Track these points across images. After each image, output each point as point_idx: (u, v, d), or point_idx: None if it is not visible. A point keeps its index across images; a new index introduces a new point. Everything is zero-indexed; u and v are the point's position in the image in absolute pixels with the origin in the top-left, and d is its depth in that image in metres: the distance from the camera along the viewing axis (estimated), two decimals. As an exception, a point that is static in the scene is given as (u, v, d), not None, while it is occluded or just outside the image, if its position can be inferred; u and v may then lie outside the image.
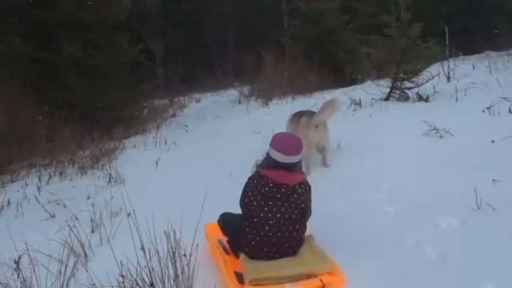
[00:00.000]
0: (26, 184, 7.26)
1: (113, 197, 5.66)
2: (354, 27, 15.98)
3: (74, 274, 3.80)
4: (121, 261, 3.13)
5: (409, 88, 9.29)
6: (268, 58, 15.30)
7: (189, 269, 3.31)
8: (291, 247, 3.66)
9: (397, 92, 9.38)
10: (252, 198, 3.68)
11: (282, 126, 6.93)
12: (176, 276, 3.28)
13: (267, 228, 3.61)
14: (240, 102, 14.39)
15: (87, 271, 3.58)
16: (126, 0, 12.25)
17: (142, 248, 3.20)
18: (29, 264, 3.70)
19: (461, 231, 3.72)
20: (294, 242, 3.67)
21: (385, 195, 4.72)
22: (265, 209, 3.62)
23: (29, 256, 3.80)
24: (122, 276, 3.12)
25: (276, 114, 10.78)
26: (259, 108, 12.03)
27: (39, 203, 5.98)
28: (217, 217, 4.14)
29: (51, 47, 10.95)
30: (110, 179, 6.89)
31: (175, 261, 3.27)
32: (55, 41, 11.14)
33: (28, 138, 8.87)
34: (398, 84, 9.37)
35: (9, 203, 6.25)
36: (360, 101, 9.27)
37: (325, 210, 4.35)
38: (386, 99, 9.34)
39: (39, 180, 7.41)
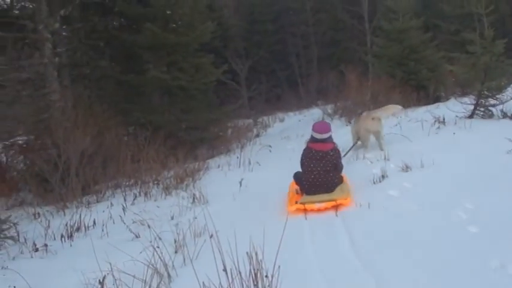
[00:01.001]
0: (112, 204, 7.37)
1: (196, 218, 5.67)
2: (437, 45, 15.88)
3: (157, 295, 3.78)
4: (203, 282, 3.09)
5: (494, 105, 9.14)
6: (351, 76, 15.23)
7: (271, 290, 3.21)
8: (327, 187, 6.18)
9: (481, 109, 9.24)
10: (303, 160, 6.40)
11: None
12: (259, 297, 3.19)
13: (312, 176, 6.23)
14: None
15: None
16: (210, 23, 12.42)
17: (225, 269, 3.16)
18: (113, 284, 3.73)
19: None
20: (328, 184, 6.20)
21: (469, 215, 4.60)
22: (311, 165, 6.26)
23: (113, 276, 3.84)
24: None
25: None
26: (343, 126, 11.88)
27: (124, 223, 6.06)
28: (298, 237, 4.85)
29: (136, 70, 11.30)
30: (193, 199, 6.94)
31: (257, 283, 3.21)
32: (140, 63, 11.48)
33: (114, 158, 9.08)
34: (483, 101, 9.23)
35: (94, 223, 6.36)
36: (444, 119, 9.19)
37: (407, 228, 4.48)
38: (470, 116, 9.21)
39: (125, 200, 7.54)
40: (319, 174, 6.18)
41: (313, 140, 6.45)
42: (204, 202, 6.81)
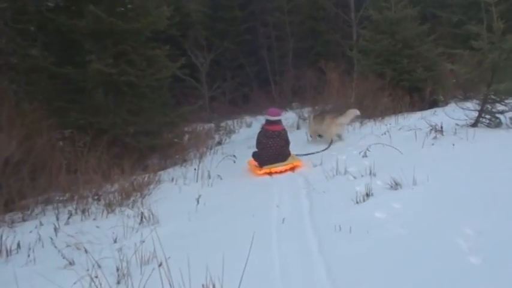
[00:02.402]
0: (41, 224, 7.23)
1: (144, 241, 5.56)
2: (435, 39, 16.00)
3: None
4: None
5: (502, 112, 9.11)
6: (333, 75, 15.35)
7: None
8: (282, 159, 9.58)
9: (487, 116, 9.26)
10: (261, 139, 9.74)
11: (348, 160, 8.59)
12: None
13: (271, 151, 9.54)
14: (298, 128, 14.33)
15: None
16: (165, 8, 12.38)
17: (176, 305, 3.11)
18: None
19: None
20: (283, 156, 9.63)
21: (469, 243, 4.51)
22: (269, 143, 9.58)
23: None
24: None
25: (340, 143, 10.71)
26: (321, 135, 11.96)
27: (56, 247, 5.91)
28: (265, 266, 4.67)
29: (75, 61, 11.25)
30: (141, 218, 6.84)
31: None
32: (80, 53, 11.48)
33: (45, 168, 8.88)
34: (489, 107, 9.22)
35: (19, 246, 6.20)
36: (442, 128, 9.23)
37: (395, 258, 4.43)
38: (474, 125, 9.26)
39: (57, 219, 7.41)
40: (276, 149, 9.67)
41: (268, 122, 9.96)
42: (153, 222, 6.73)
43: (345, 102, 14.16)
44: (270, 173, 9.28)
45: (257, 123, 19.69)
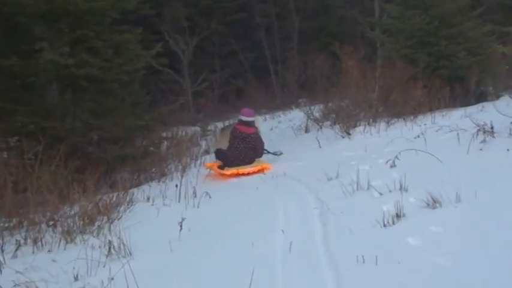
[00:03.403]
0: (-19, 258, 7.22)
1: (113, 279, 5.56)
2: (482, 15, 15.70)
3: None
4: None
5: None
6: (350, 63, 15.23)
7: None
8: (247, 162, 11.91)
9: None
10: (230, 139, 12.31)
11: (371, 171, 8.26)
12: None
13: (237, 152, 11.96)
14: (307, 130, 14.27)
15: None
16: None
17: None
18: None
19: None
20: (248, 160, 11.97)
21: None
22: (235, 144, 12.12)
23: None
24: None
25: (362, 150, 10.65)
26: (337, 139, 11.91)
27: (0, 286, 5.91)
28: None
29: (22, 50, 11.15)
30: (109, 249, 6.78)
31: None
32: (28, 41, 11.40)
33: (-16, 186, 8.85)
34: None
35: (-50, 287, 6.20)
36: (492, 128, 9.02)
37: None
38: None
39: (1, 251, 7.37)
40: (240, 152, 11.86)
41: (239, 122, 12.41)
42: (125, 254, 6.68)
43: (366, 97, 14.06)
44: (237, 175, 11.52)
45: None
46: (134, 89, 12.93)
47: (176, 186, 9.63)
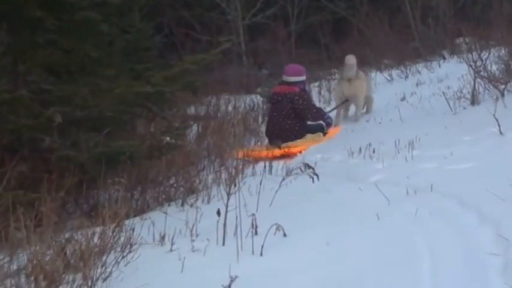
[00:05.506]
0: None
1: None
2: None
3: None
4: None
5: None
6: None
7: None
8: (285, 137, 9.71)
9: None
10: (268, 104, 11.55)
11: None
12: None
13: (270, 125, 10.35)
14: (475, 101, 10.11)
15: None
16: None
17: None
18: None
19: None
20: (289, 132, 9.90)
21: None
22: (270, 112, 10.60)
23: None
24: None
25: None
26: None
27: None
28: None
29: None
30: None
31: None
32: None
33: None
34: None
35: None
36: None
37: None
38: None
39: None
40: (276, 122, 9.95)
41: (280, 83, 10.76)
42: None
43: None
44: (273, 157, 8.91)
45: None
46: (133, 22, 9.21)
47: (218, 213, 5.77)
